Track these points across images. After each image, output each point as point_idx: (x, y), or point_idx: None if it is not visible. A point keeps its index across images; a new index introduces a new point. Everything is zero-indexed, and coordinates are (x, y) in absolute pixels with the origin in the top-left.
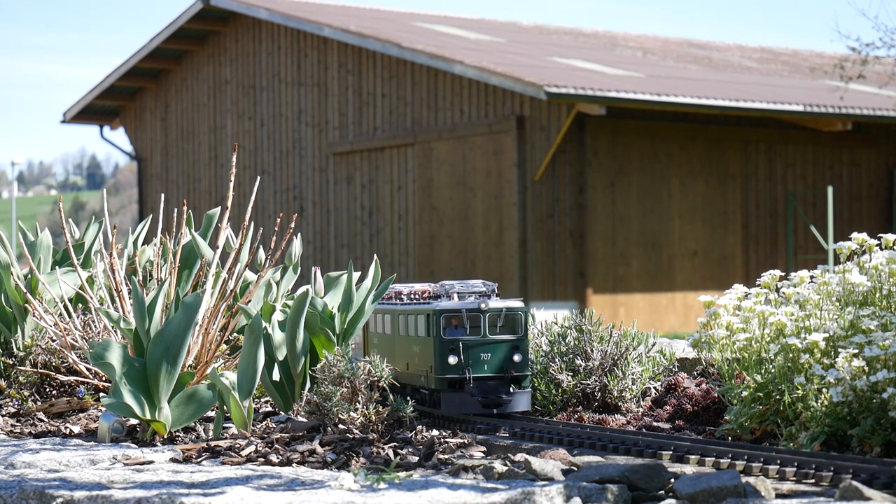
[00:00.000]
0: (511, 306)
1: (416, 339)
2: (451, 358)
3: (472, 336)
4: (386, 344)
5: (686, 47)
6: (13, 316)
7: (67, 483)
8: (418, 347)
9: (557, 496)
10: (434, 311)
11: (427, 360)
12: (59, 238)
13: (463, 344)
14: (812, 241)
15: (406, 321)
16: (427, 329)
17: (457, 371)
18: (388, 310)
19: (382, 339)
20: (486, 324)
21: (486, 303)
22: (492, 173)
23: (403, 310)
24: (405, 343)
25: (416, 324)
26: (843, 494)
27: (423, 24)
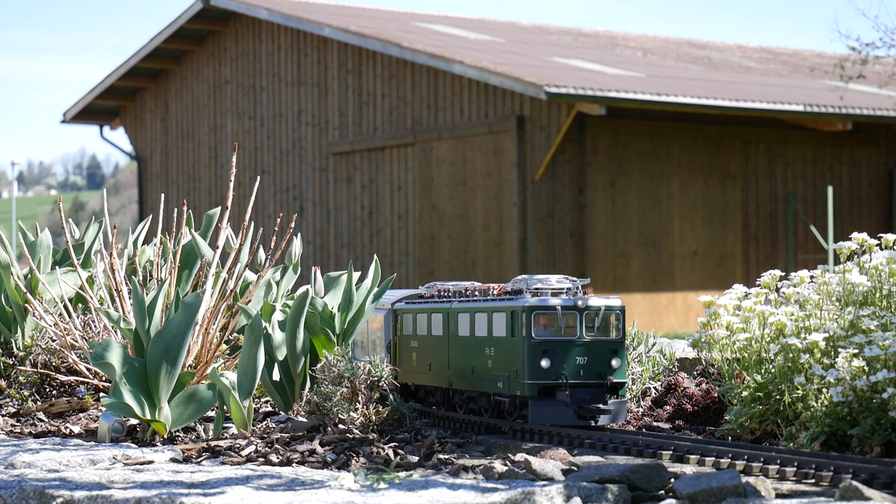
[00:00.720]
0: (610, 304)
1: (488, 339)
2: (543, 361)
3: (567, 337)
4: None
5: (686, 47)
6: (13, 316)
7: (67, 483)
8: (494, 349)
9: (557, 496)
10: (524, 308)
11: (509, 364)
12: (59, 238)
13: (558, 346)
14: (812, 241)
15: (471, 320)
16: (510, 328)
17: (550, 376)
18: (434, 308)
19: (424, 341)
20: (582, 323)
21: (584, 300)
22: (492, 173)
23: (466, 308)
24: (467, 345)
25: (489, 323)
26: (843, 494)
27: (423, 24)
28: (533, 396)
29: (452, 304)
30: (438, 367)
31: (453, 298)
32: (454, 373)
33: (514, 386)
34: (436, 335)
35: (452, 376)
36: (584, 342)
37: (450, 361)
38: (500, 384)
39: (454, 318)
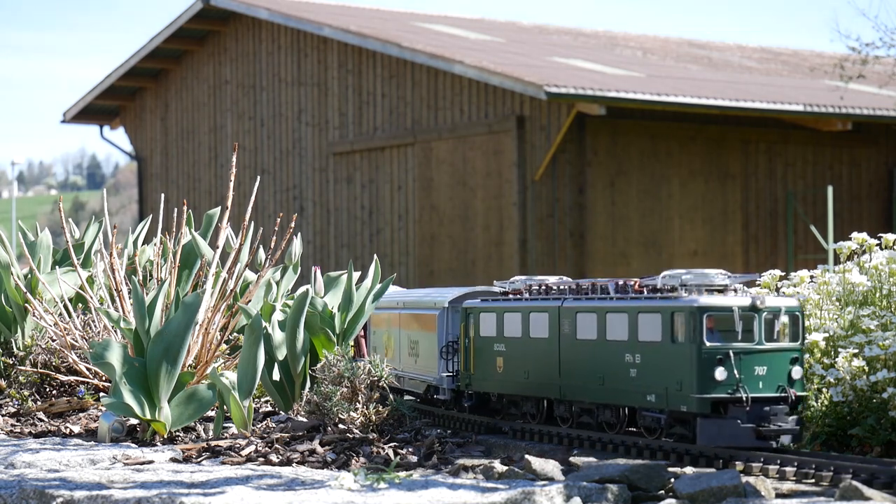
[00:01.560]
0: (790, 305)
1: (629, 344)
2: (718, 372)
3: (746, 343)
4: (526, 351)
5: (686, 47)
6: (13, 316)
7: (67, 483)
8: (640, 356)
9: (557, 496)
10: (693, 308)
11: (667, 374)
12: (59, 238)
13: (735, 353)
14: (812, 240)
15: (599, 322)
16: (669, 332)
17: (725, 389)
18: (533, 307)
19: (517, 345)
20: (761, 327)
21: (763, 299)
22: (492, 173)
23: (590, 307)
24: (593, 350)
25: (631, 325)
26: (843, 494)
27: (423, 24)
28: (703, 413)
29: (564, 303)
30: (540, 375)
31: (563, 296)
32: (568, 382)
33: (676, 400)
34: (537, 337)
35: (565, 386)
36: (763, 349)
37: (561, 369)
38: (650, 397)
39: (569, 319)
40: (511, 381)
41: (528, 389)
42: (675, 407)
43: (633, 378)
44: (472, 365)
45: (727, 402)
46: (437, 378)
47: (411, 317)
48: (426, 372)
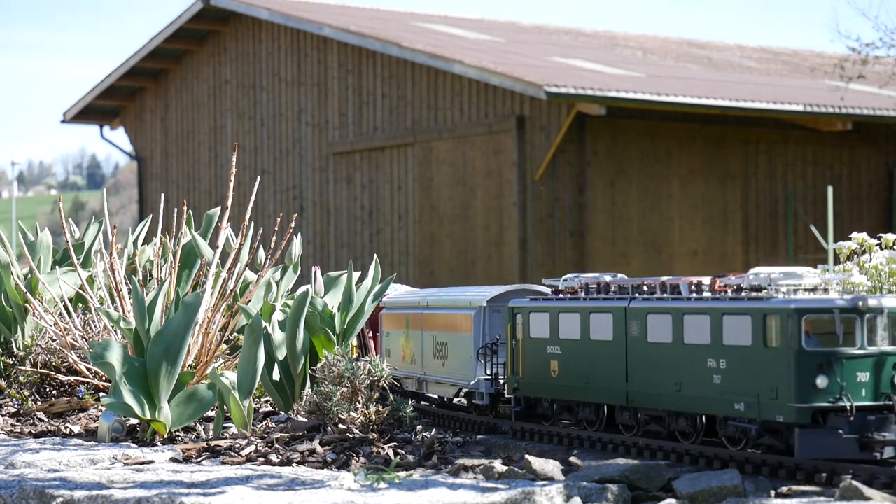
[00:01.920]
0: (893, 306)
1: (713, 349)
2: (819, 379)
3: (848, 348)
4: (586, 354)
5: (686, 47)
6: (13, 316)
7: (67, 483)
8: (726, 362)
9: (557, 496)
10: (789, 310)
11: (759, 381)
12: (59, 238)
13: (837, 359)
14: (812, 240)
15: (675, 323)
16: (761, 336)
17: (826, 398)
18: (595, 308)
19: (574, 348)
20: (863, 330)
21: (866, 301)
22: (492, 173)
23: (662, 308)
24: (669, 354)
25: (715, 328)
26: (843, 494)
27: (422, 24)
28: (801, 423)
29: (632, 303)
30: (603, 381)
31: (628, 295)
32: (637, 388)
33: (770, 409)
34: (599, 340)
35: (634, 392)
36: (866, 354)
37: (629, 374)
38: (739, 406)
39: (638, 320)
40: (567, 387)
41: (588, 395)
42: (769, 417)
43: (716, 385)
44: (520, 368)
45: (827, 412)
46: (472, 382)
47: (438, 317)
48: (458, 375)
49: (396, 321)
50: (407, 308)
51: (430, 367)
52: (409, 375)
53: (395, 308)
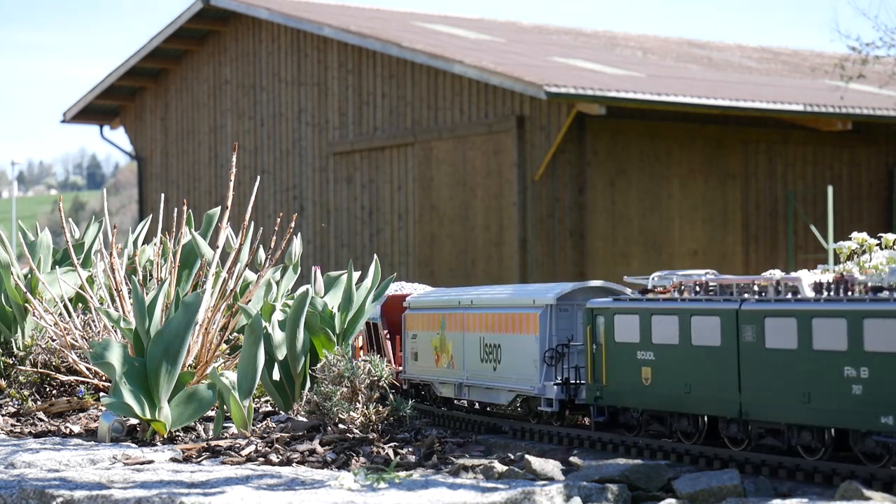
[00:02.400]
0: None
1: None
2: None
3: None
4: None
5: (686, 47)
6: (13, 315)
7: (67, 483)
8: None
9: (557, 496)
10: None
11: None
12: (59, 238)
13: None
14: (812, 240)
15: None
16: None
17: None
18: (698, 309)
19: (672, 353)
20: None
21: None
22: (492, 173)
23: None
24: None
25: (852, 331)
26: (844, 494)
27: (422, 24)
28: None
29: (744, 305)
30: (709, 390)
31: (734, 295)
32: (753, 399)
33: None
34: (703, 345)
35: (749, 403)
36: None
37: (742, 383)
38: (886, 419)
39: (753, 324)
40: (663, 396)
41: (689, 406)
42: None
43: (856, 396)
44: (602, 375)
45: None
46: (538, 387)
47: (488, 317)
48: (515, 380)
49: (427, 321)
50: (442, 308)
51: (476, 372)
52: (444, 380)
53: (424, 308)
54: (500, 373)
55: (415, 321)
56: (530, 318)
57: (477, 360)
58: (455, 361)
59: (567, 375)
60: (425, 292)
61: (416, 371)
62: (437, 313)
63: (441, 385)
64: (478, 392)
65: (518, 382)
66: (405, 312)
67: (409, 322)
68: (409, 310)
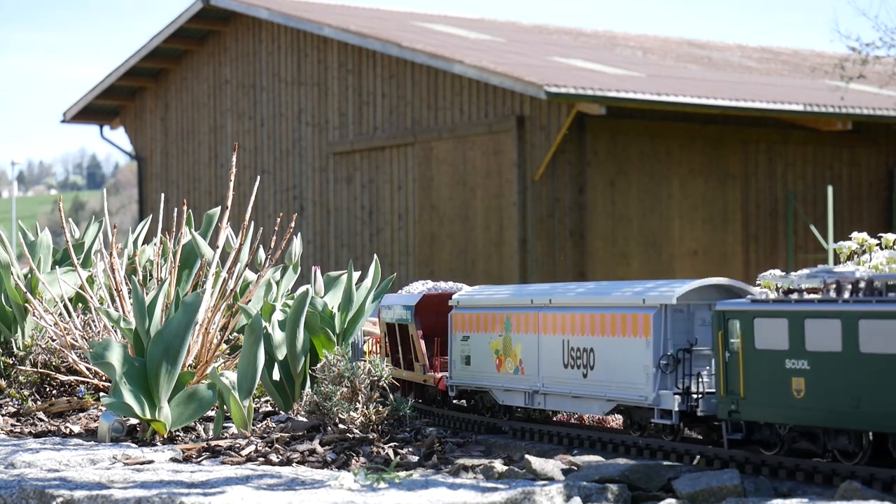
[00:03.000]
0: None
1: None
2: None
3: None
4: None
5: (686, 47)
6: (13, 315)
7: (67, 482)
8: None
9: (557, 496)
10: None
11: None
12: (59, 238)
13: None
14: (812, 240)
15: None
16: None
17: None
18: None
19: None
20: None
21: None
22: (492, 173)
23: None
24: None
25: None
26: (843, 494)
27: (422, 24)
28: None
29: None
30: (886, 405)
31: None
32: None
33: None
34: (876, 354)
35: None
36: None
37: None
38: None
39: None
40: (821, 410)
41: (858, 421)
42: None
43: None
44: (739, 387)
45: None
46: (650, 397)
47: (576, 318)
48: (616, 388)
49: (483, 322)
50: (506, 307)
51: (557, 378)
52: (510, 387)
53: (479, 307)
54: (592, 380)
55: (466, 322)
56: (639, 320)
57: (558, 365)
58: (526, 367)
59: (688, 384)
60: (474, 290)
61: (467, 377)
62: (500, 313)
63: (504, 392)
64: (558, 401)
65: (620, 391)
66: (452, 312)
67: (458, 323)
68: (456, 309)
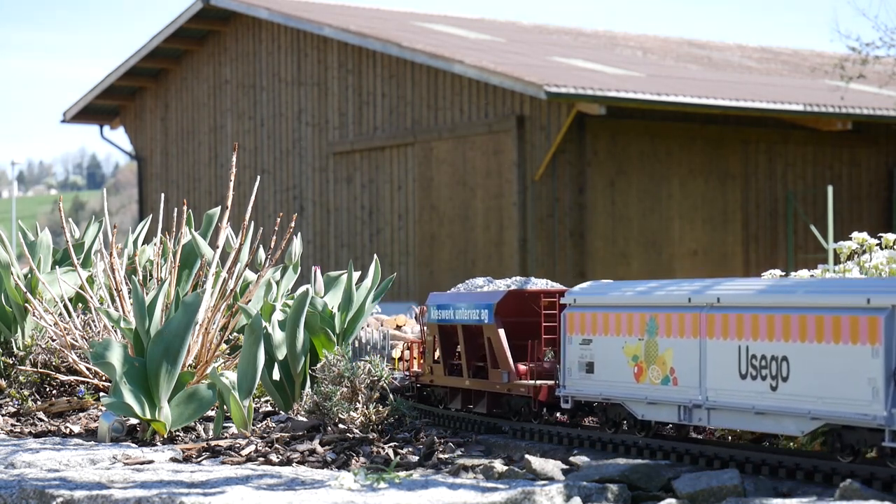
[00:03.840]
0: None
1: None
2: None
3: None
4: None
5: (686, 47)
6: (13, 315)
7: (67, 483)
8: None
9: (557, 496)
10: None
11: None
12: (59, 238)
13: None
14: (812, 240)
15: None
16: None
17: None
18: None
19: None
20: None
21: None
22: (492, 173)
23: None
24: None
25: None
26: (843, 494)
27: (422, 24)
28: None
29: None
30: None
31: None
32: None
33: None
34: None
35: None
36: None
37: None
38: None
39: None
40: None
41: None
42: None
43: None
44: None
45: None
46: (879, 416)
47: (761, 319)
48: (827, 404)
49: (613, 323)
50: (651, 307)
51: (730, 391)
52: (656, 399)
53: (608, 307)
54: (786, 393)
55: (587, 323)
56: (861, 324)
57: (732, 376)
58: (680, 377)
59: None
60: (594, 285)
61: (589, 386)
62: (639, 313)
63: (647, 406)
64: (731, 417)
65: (830, 407)
66: (566, 312)
67: (576, 324)
68: (571, 308)
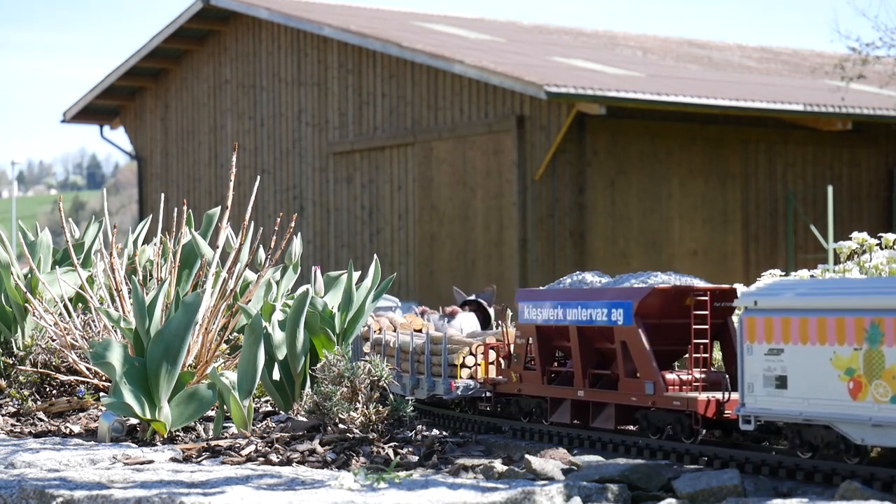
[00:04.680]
0: None
1: None
2: None
3: None
4: None
5: (686, 47)
6: (13, 315)
7: (67, 482)
8: None
9: (557, 495)
10: None
11: None
12: (59, 238)
13: None
14: (812, 240)
15: None
16: None
17: None
18: None
19: None
20: None
21: None
22: (492, 173)
23: None
24: None
25: None
26: (843, 494)
27: (422, 24)
28: None
29: None
30: None
31: None
32: None
33: None
34: None
35: None
36: None
37: None
38: None
39: None
40: None
41: None
42: None
43: None
44: None
45: None
46: None
47: None
48: None
49: (815, 330)
50: (870, 310)
51: None
52: (883, 422)
53: (805, 310)
54: None
55: (776, 329)
56: None
57: None
58: None
59: None
60: (784, 283)
61: (782, 404)
62: (854, 317)
63: (870, 429)
64: None
65: None
66: (744, 315)
67: (760, 330)
68: (750, 312)
